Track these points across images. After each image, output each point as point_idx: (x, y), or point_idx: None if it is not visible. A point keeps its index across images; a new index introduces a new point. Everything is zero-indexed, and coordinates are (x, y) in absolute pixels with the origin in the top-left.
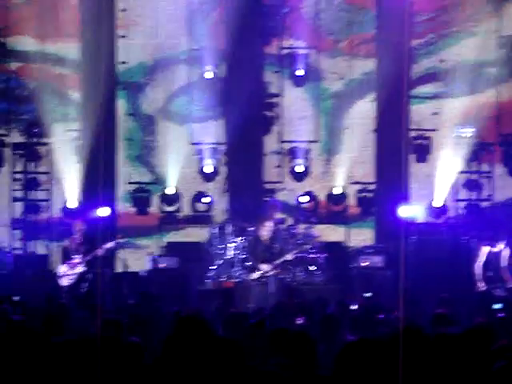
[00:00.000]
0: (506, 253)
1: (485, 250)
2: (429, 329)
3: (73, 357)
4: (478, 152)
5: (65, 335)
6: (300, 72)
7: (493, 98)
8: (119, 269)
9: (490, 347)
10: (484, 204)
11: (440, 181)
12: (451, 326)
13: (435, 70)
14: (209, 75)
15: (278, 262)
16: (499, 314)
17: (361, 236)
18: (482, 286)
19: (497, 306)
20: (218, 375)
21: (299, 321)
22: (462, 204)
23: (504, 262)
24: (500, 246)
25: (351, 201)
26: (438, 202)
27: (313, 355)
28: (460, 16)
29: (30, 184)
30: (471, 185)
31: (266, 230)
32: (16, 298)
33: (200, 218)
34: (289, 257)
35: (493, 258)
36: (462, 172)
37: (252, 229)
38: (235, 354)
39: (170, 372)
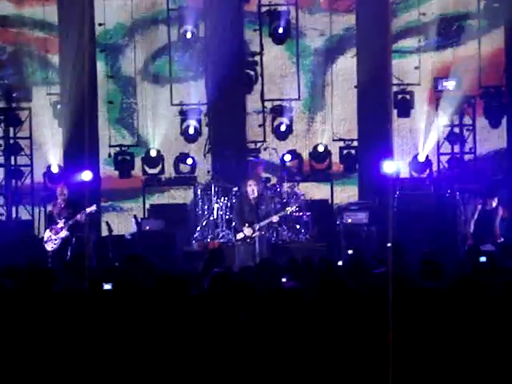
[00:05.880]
0: (500, 211)
1: (478, 207)
2: (416, 282)
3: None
4: (460, 105)
5: (52, 299)
6: (280, 29)
7: (474, 50)
8: (104, 232)
9: (480, 300)
10: (467, 157)
11: (423, 135)
12: (438, 276)
13: (416, 24)
14: (188, 35)
15: (263, 223)
16: (485, 266)
17: (345, 193)
18: (471, 241)
19: (483, 259)
20: (199, 332)
21: (285, 279)
22: (445, 158)
23: (498, 219)
24: (493, 204)
25: (335, 158)
26: (421, 157)
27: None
28: None
29: (12, 149)
30: (454, 138)
31: (251, 190)
32: None
33: (183, 180)
34: (275, 219)
35: (486, 216)
36: (444, 126)
37: (236, 189)
38: (216, 310)
39: (153, 332)
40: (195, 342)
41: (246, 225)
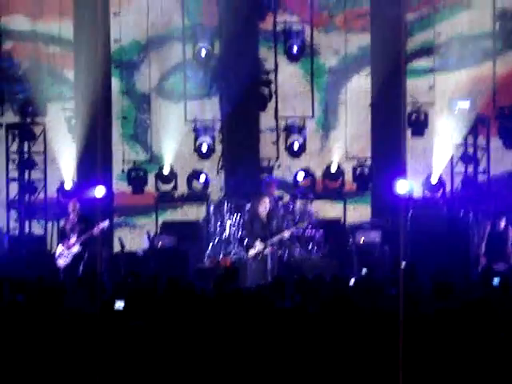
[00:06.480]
0: (511, 232)
1: (487, 228)
2: (428, 302)
3: (73, 334)
4: (475, 125)
5: (64, 314)
6: (295, 48)
7: (489, 70)
8: (116, 248)
9: (490, 320)
10: (480, 177)
11: (436, 155)
12: (451, 297)
13: (431, 44)
14: (203, 52)
15: (274, 239)
16: (498, 288)
17: (358, 212)
18: (484, 262)
19: (496, 281)
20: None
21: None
22: (459, 178)
23: (510, 240)
24: (501, 224)
25: (348, 176)
26: (434, 176)
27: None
28: None
29: (25, 164)
30: (467, 158)
31: (263, 207)
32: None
33: (196, 196)
34: (286, 235)
35: (496, 237)
36: (458, 145)
37: (248, 206)
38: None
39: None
40: (206, 356)
41: (259, 239)
